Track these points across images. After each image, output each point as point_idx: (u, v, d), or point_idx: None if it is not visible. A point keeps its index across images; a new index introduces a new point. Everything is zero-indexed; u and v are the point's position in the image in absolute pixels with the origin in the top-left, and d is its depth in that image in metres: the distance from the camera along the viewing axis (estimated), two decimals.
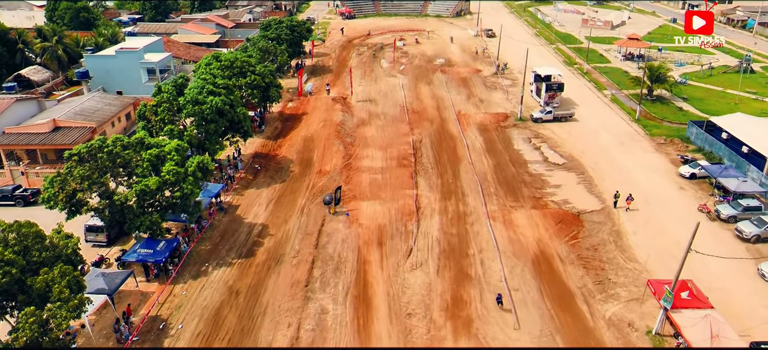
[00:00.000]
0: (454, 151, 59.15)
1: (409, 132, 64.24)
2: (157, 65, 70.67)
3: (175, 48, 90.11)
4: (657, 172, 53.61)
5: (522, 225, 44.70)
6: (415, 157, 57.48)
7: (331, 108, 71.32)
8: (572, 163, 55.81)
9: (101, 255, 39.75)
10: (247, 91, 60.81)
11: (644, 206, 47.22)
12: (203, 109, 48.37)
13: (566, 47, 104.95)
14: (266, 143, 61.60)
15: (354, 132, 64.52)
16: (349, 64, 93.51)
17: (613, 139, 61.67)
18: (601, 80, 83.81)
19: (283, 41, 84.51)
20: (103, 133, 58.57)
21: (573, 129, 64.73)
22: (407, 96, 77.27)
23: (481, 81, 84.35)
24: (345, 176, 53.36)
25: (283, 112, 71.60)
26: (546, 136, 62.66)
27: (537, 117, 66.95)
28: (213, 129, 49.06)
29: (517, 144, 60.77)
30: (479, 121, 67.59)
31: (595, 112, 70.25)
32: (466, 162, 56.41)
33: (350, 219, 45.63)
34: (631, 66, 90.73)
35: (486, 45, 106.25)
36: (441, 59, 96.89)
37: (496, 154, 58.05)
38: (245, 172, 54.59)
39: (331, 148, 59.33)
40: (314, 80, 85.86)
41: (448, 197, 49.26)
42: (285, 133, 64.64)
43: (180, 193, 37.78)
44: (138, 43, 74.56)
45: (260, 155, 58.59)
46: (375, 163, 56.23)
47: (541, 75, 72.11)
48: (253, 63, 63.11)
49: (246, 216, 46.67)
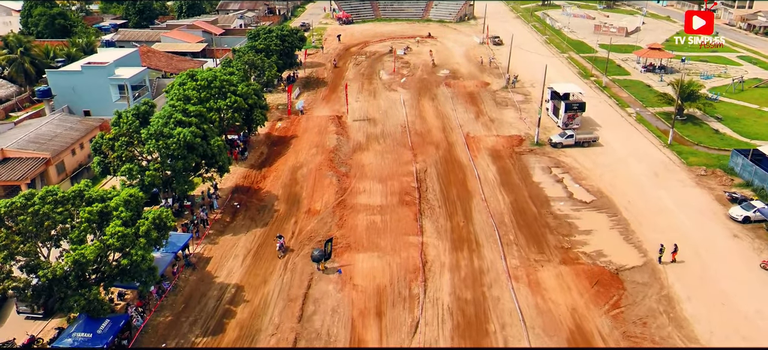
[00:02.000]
0: (463, 184, 51.42)
1: (411, 159, 56.51)
2: (129, 81, 62.86)
3: (154, 59, 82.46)
4: (702, 213, 45.92)
5: (551, 287, 37.00)
6: (419, 192, 49.77)
7: (324, 129, 63.54)
8: (602, 200, 48.11)
9: (32, 336, 31.98)
10: (227, 114, 53.02)
11: (694, 260, 39.57)
12: (169, 143, 40.59)
13: (579, 57, 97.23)
14: (249, 174, 53.83)
15: (349, 159, 56.76)
16: (346, 78, 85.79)
17: (646, 169, 53.97)
18: (622, 95, 76.11)
19: (273, 52, 76.70)
20: (59, 164, 50.89)
21: (598, 156, 57.00)
22: (409, 114, 69.56)
23: (490, 96, 76.60)
24: (338, 217, 45.65)
25: (270, 134, 63.82)
26: (568, 165, 54.94)
27: (556, 141, 59.21)
28: (181, 166, 41.29)
29: (535, 175, 53.05)
30: (491, 146, 59.84)
31: (620, 134, 62.51)
32: (479, 198, 48.71)
33: (343, 279, 37.91)
34: (653, 79, 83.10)
35: (493, 54, 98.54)
36: (445, 70, 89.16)
37: (512, 189, 50.32)
38: (222, 211, 46.84)
39: (322, 180, 51.55)
40: (307, 95, 78.09)
41: (459, 247, 41.55)
42: (271, 160, 56.83)
43: (128, 261, 30.01)
44: (109, 56, 66.66)
45: (241, 189, 50.81)
46: (373, 200, 48.52)
47: (560, 93, 64.31)
48: (234, 81, 55.31)
49: (218, 273, 38.92)
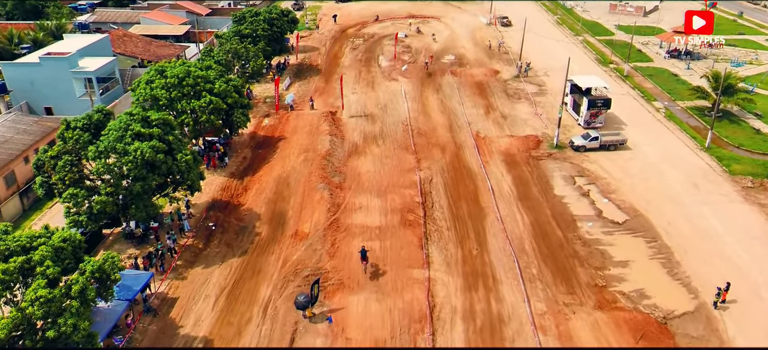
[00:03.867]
0: (475, 198, 44.58)
1: (415, 165, 49.57)
2: (93, 74, 55.54)
3: (130, 44, 74.82)
4: (757, 238, 39.20)
5: (586, 340, 30.46)
6: (424, 208, 42.96)
7: (316, 129, 56.36)
8: (637, 220, 41.35)
9: None
10: (201, 117, 45.91)
11: (754, 303, 33.09)
12: (123, 162, 33.61)
13: (595, 40, 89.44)
14: (228, 184, 46.91)
15: (344, 166, 49.79)
16: (341, 67, 78.28)
17: (683, 178, 47.11)
18: (647, 86, 68.75)
19: (260, 38, 69.07)
20: (9, 175, 43.91)
21: (627, 162, 50.05)
22: (411, 108, 62.32)
23: (500, 87, 69.22)
24: (330, 243, 38.92)
25: (256, 134, 56.68)
26: (594, 174, 48.05)
27: (579, 144, 52.16)
28: (139, 189, 34.37)
29: (557, 186, 46.19)
30: (504, 149, 52.82)
31: (649, 134, 55.40)
32: (494, 217, 41.93)
33: (334, 330, 31.34)
34: (679, 66, 75.62)
35: (502, 36, 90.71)
36: (450, 56, 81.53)
37: (532, 205, 43.50)
38: (194, 233, 40.09)
39: (312, 194, 44.66)
40: (298, 85, 70.69)
41: (473, 284, 34.90)
42: (255, 167, 49.85)
43: (55, 333, 23.32)
44: (73, 45, 59.09)
45: (219, 205, 43.97)
46: (371, 219, 41.76)
47: (581, 87, 56.96)
48: (211, 76, 48.03)
49: (184, 321, 32.32)
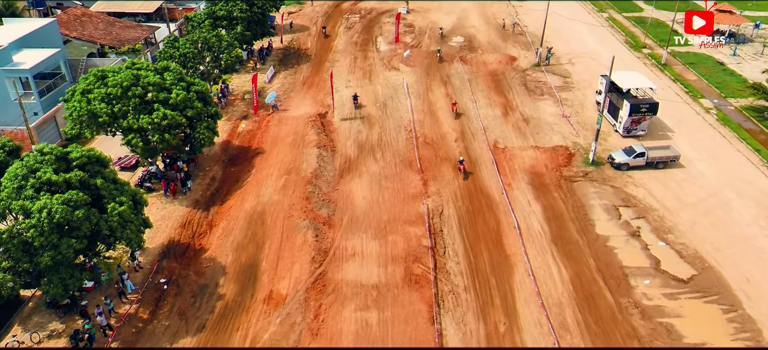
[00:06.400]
0: (497, 240, 35.53)
1: (421, 190, 40.36)
2: (29, 72, 45.71)
3: (89, 26, 64.50)
4: None
5: None
6: (434, 256, 33.94)
7: (302, 139, 46.78)
8: (706, 275, 32.39)
9: None
10: (154, 136, 36.42)
11: None
12: (23, 229, 24.33)
13: (622, 17, 78.88)
14: (190, 218, 37.73)
15: (334, 191, 40.53)
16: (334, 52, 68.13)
17: (754, 210, 37.97)
18: (689, 78, 58.89)
19: (238, 21, 58.80)
20: None
21: (681, 185, 40.82)
22: (415, 108, 52.65)
23: (519, 78, 59.28)
24: (312, 313, 30.03)
25: (230, 143, 47.23)
26: (642, 203, 38.88)
27: (620, 161, 42.77)
28: (48, 262, 25.16)
29: (599, 221, 37.06)
30: (529, 166, 43.49)
31: (703, 145, 45.99)
32: (523, 270, 32.97)
33: None
34: (723, 52, 65.39)
35: (517, 13, 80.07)
36: (459, 37, 71.27)
37: (570, 251, 34.47)
38: (141, 296, 31.16)
39: (292, 237, 35.51)
40: (283, 76, 60.65)
41: None
42: (224, 192, 40.58)
43: None
44: (6, 35, 48.91)
45: (175, 250, 34.91)
46: (366, 273, 32.81)
47: (622, 87, 47.09)
48: (168, 82, 38.29)
49: None
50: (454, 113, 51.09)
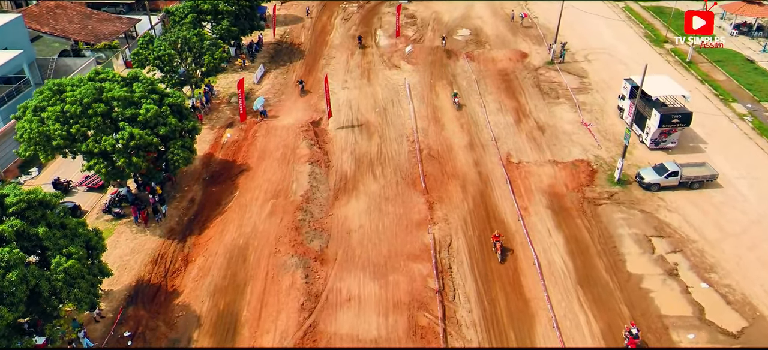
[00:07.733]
0: (515, 281, 30.91)
1: (426, 216, 35.66)
2: None
3: (63, 20, 59.29)
4: None
5: None
6: (442, 301, 29.35)
7: (292, 153, 41.90)
8: (758, 327, 27.91)
9: None
10: (119, 160, 31.60)
11: None
12: None
13: (640, 7, 73.43)
14: (163, 251, 33.06)
15: (327, 217, 35.79)
16: (330, 47, 62.95)
17: None
18: (718, 78, 53.82)
19: (223, 15, 53.54)
20: None
21: (720, 210, 36.08)
22: (418, 114, 47.76)
23: (531, 79, 54.22)
24: None
25: (212, 157, 42.39)
26: (677, 232, 34.19)
27: (650, 181, 37.95)
28: None
29: (629, 255, 32.41)
30: (547, 185, 38.70)
31: (741, 160, 41.14)
32: (546, 321, 28.43)
33: None
34: (752, 47, 60.38)
35: (526, 4, 74.58)
36: (465, 30, 66.08)
37: (599, 295, 29.86)
38: None
39: (279, 277, 30.84)
40: (274, 76, 55.55)
41: None
42: (204, 219, 35.82)
43: None
44: None
45: (144, 293, 30.27)
46: (364, 325, 28.27)
47: (650, 95, 41.97)
48: (137, 95, 33.31)
49: None
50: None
